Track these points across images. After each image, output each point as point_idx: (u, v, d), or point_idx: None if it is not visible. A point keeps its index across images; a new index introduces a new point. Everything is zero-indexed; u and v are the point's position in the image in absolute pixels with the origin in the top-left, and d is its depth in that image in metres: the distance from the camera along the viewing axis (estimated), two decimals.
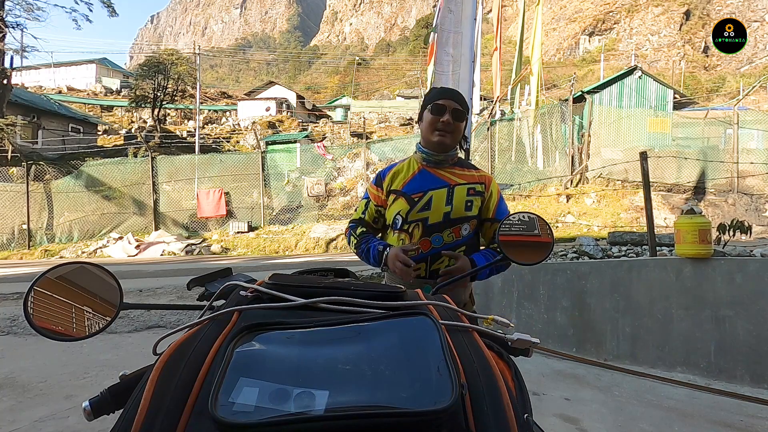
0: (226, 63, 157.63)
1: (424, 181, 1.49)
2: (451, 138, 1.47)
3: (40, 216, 13.40)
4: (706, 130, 14.35)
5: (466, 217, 1.46)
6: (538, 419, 0.64)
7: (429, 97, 1.52)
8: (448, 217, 1.44)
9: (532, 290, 3.93)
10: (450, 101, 1.46)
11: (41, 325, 0.76)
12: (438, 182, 1.48)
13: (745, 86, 22.02)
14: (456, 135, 1.48)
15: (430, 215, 1.45)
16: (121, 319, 4.34)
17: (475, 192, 1.48)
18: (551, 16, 74.77)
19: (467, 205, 1.46)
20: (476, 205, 1.48)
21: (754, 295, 3.01)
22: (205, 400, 0.47)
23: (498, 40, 12.56)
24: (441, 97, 1.47)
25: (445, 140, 1.46)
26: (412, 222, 1.46)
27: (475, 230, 1.50)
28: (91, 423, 0.70)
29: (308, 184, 14.06)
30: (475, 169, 1.56)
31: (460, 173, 1.51)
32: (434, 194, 1.46)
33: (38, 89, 30.40)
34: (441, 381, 0.49)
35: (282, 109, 31.39)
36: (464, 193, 1.47)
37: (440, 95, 1.48)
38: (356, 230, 1.58)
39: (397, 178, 1.54)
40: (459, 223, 1.45)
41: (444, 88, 1.57)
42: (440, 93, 1.50)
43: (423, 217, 1.45)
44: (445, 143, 1.47)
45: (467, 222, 1.46)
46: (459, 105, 1.47)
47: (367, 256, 1.50)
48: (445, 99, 1.46)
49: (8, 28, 16.37)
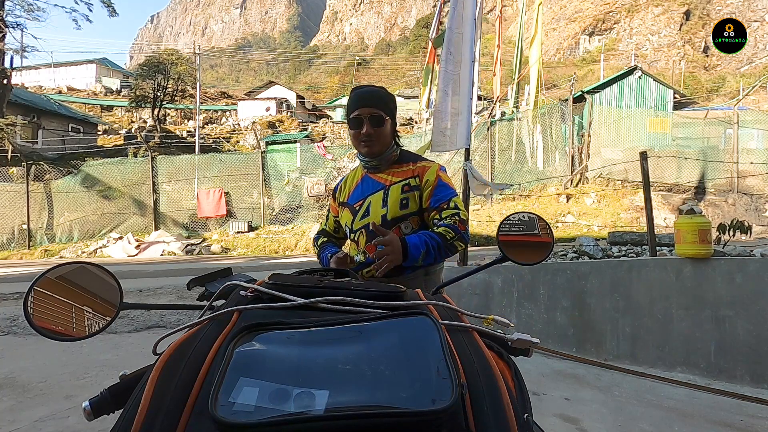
0: (226, 63, 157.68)
1: (364, 187, 1.50)
2: (378, 144, 1.43)
3: (40, 216, 13.40)
4: (706, 130, 14.35)
5: (403, 216, 1.42)
6: (538, 419, 0.64)
7: (348, 109, 1.45)
8: (385, 219, 1.42)
9: (532, 290, 3.93)
10: (365, 109, 1.40)
11: (41, 325, 0.76)
12: (375, 186, 1.47)
13: (745, 86, 22.02)
14: (382, 139, 1.43)
15: (370, 221, 1.43)
16: (121, 319, 4.34)
17: (409, 188, 1.43)
18: (551, 16, 74.76)
19: (402, 203, 1.42)
20: (413, 200, 1.43)
21: (754, 295, 3.01)
22: (205, 400, 0.47)
23: (498, 40, 12.57)
24: (356, 108, 1.41)
25: (371, 149, 1.43)
26: (357, 230, 1.47)
27: (421, 226, 1.44)
28: (91, 423, 0.70)
29: (308, 184, 14.06)
30: (415, 162, 1.49)
31: (397, 171, 1.47)
32: (372, 199, 1.46)
33: (38, 89, 30.40)
34: (441, 381, 0.49)
35: (282, 109, 31.39)
36: (398, 192, 1.43)
37: (354, 105, 1.42)
38: (318, 241, 1.67)
39: (344, 189, 1.58)
40: (397, 223, 1.42)
41: (357, 94, 1.45)
42: (354, 103, 1.43)
43: (365, 224, 1.45)
44: (373, 152, 1.44)
45: (406, 220, 1.42)
46: (375, 108, 1.40)
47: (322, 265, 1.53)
48: (360, 108, 1.40)
49: (8, 28, 16.38)
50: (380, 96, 1.44)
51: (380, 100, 1.43)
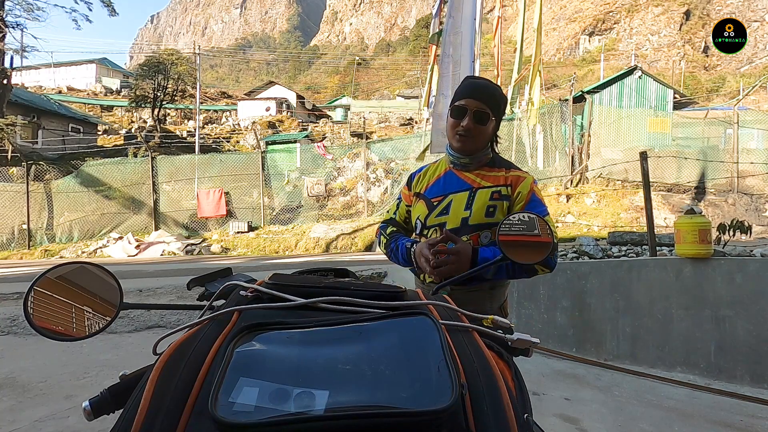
0: (226, 63, 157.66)
1: (447, 184, 1.40)
2: (473, 142, 1.34)
3: (40, 216, 13.40)
4: (706, 130, 14.35)
5: (486, 223, 1.32)
6: (538, 419, 0.64)
7: (455, 95, 1.37)
8: (465, 223, 1.33)
9: (532, 290, 3.93)
10: (472, 101, 1.31)
11: (41, 325, 0.76)
12: (461, 185, 1.38)
13: (745, 86, 22.02)
14: (480, 138, 1.34)
15: (448, 220, 1.35)
16: (121, 319, 4.34)
17: (499, 196, 1.34)
18: (551, 16, 74.74)
19: (488, 210, 1.32)
20: (501, 210, 1.33)
21: (754, 295, 3.01)
22: (205, 400, 0.47)
23: (498, 40, 12.56)
24: (463, 97, 1.33)
25: (466, 145, 1.34)
26: (431, 227, 1.38)
27: None
28: (91, 423, 0.70)
29: (308, 184, 14.06)
30: (508, 169, 1.39)
31: (487, 175, 1.37)
32: (454, 198, 1.36)
33: (38, 89, 30.39)
34: (441, 381, 0.49)
35: (282, 109, 31.39)
36: (486, 197, 1.33)
37: (463, 94, 1.34)
38: (386, 230, 1.51)
39: (423, 180, 1.47)
40: (478, 229, 1.32)
41: (471, 83, 1.37)
42: (463, 91, 1.35)
43: (441, 222, 1.36)
44: (467, 148, 1.35)
45: (488, 229, 1.32)
46: (484, 104, 1.31)
47: (396, 254, 1.41)
48: (467, 98, 1.32)
49: (8, 28, 16.38)
50: (493, 93, 1.35)
51: (491, 97, 1.34)
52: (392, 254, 1.44)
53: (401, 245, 1.40)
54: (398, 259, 1.42)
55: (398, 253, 1.41)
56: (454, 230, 1.32)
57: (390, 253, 1.45)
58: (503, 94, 1.39)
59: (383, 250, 1.51)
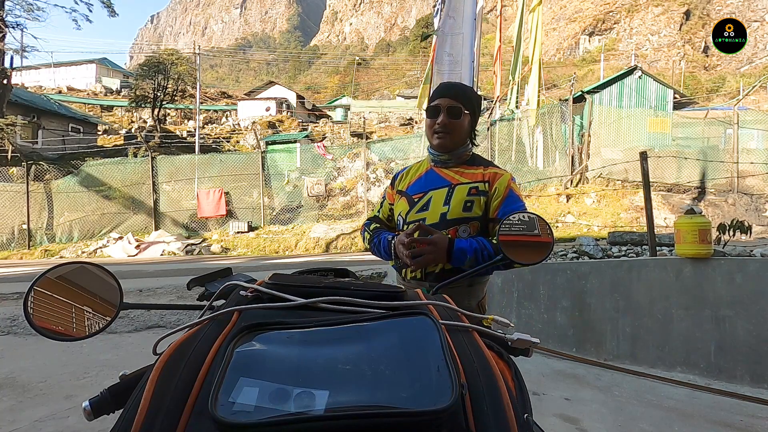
0: (226, 63, 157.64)
1: (428, 181, 1.46)
2: (450, 138, 1.40)
3: (40, 216, 13.40)
4: (706, 130, 14.35)
5: (463, 218, 1.37)
6: (538, 419, 0.64)
7: (429, 98, 1.46)
8: (444, 218, 1.37)
9: (532, 290, 3.93)
10: (445, 99, 1.39)
11: (41, 325, 0.76)
12: (440, 182, 1.43)
13: (745, 86, 22.01)
14: (457, 133, 1.41)
15: (428, 216, 1.40)
16: (121, 319, 4.34)
17: (477, 191, 1.38)
18: (551, 16, 74.73)
19: (466, 205, 1.37)
20: (478, 205, 1.37)
21: (754, 295, 3.01)
22: (205, 400, 0.47)
23: (498, 40, 12.57)
24: (436, 97, 1.42)
25: (443, 142, 1.41)
26: (410, 223, 1.42)
27: (480, 233, 1.38)
28: (91, 423, 0.70)
29: (308, 184, 14.06)
30: (486, 167, 1.44)
31: (466, 172, 1.43)
32: (434, 194, 1.42)
33: (38, 89, 30.39)
34: (441, 381, 0.49)
35: (282, 109, 31.39)
36: (464, 193, 1.38)
37: (435, 95, 1.43)
38: (370, 226, 1.57)
39: (406, 179, 1.53)
40: (456, 224, 1.37)
41: (442, 84, 1.47)
42: (435, 93, 1.43)
43: (420, 218, 1.40)
44: (445, 145, 1.41)
45: (466, 224, 1.37)
46: (456, 101, 1.38)
47: (379, 248, 1.47)
48: (440, 98, 1.40)
49: (8, 28, 16.37)
50: (464, 90, 1.43)
51: (462, 94, 1.41)
52: (375, 248, 1.49)
53: (383, 239, 1.45)
54: (380, 253, 1.47)
55: (380, 247, 1.45)
56: (434, 225, 1.36)
57: (373, 247, 1.50)
58: (475, 92, 1.48)
59: (366, 245, 1.56)
